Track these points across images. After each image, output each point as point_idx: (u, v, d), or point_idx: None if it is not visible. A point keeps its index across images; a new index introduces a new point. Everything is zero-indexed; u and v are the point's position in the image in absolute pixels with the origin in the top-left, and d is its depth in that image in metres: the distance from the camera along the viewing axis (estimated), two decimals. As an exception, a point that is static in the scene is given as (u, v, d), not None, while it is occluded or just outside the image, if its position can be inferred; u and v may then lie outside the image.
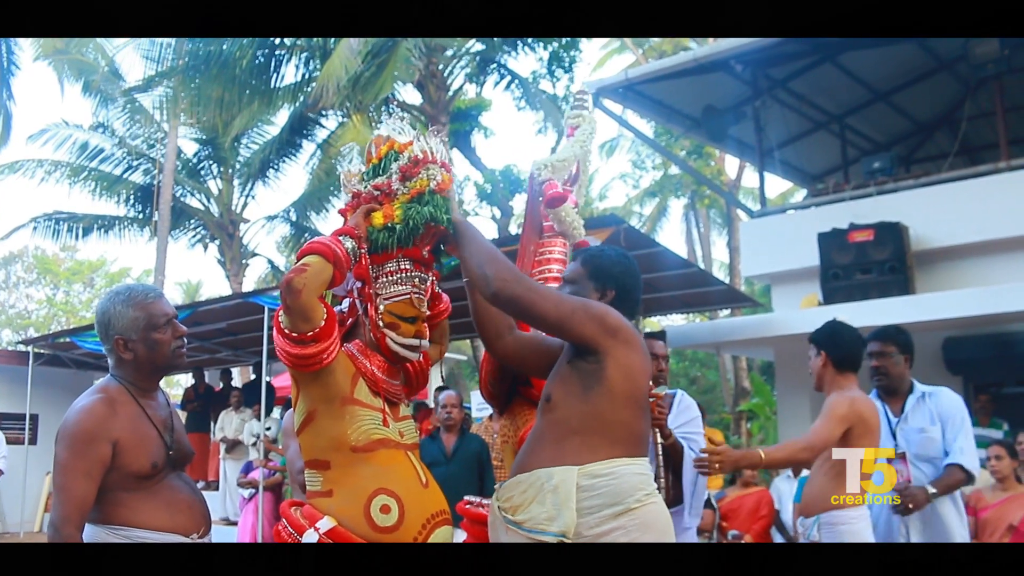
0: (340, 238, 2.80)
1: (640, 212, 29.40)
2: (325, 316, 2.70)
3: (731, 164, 22.80)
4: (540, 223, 3.51)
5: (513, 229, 20.97)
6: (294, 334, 2.67)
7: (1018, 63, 10.91)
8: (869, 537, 4.33)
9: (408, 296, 2.89)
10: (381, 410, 2.83)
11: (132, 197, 19.85)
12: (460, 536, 3.63)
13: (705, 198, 23.98)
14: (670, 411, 4.65)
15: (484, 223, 21.57)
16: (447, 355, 13.86)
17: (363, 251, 2.86)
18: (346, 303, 3.13)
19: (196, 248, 21.36)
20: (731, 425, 20.65)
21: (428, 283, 3.02)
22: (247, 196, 20.43)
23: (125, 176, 19.79)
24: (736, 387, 21.72)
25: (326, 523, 2.67)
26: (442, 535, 2.81)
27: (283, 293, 2.63)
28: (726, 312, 19.95)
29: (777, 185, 23.94)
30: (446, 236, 2.98)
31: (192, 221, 20.67)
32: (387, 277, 2.89)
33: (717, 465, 3.98)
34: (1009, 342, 10.02)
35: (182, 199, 20.30)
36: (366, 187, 2.98)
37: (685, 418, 4.63)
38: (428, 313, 3.03)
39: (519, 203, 25.86)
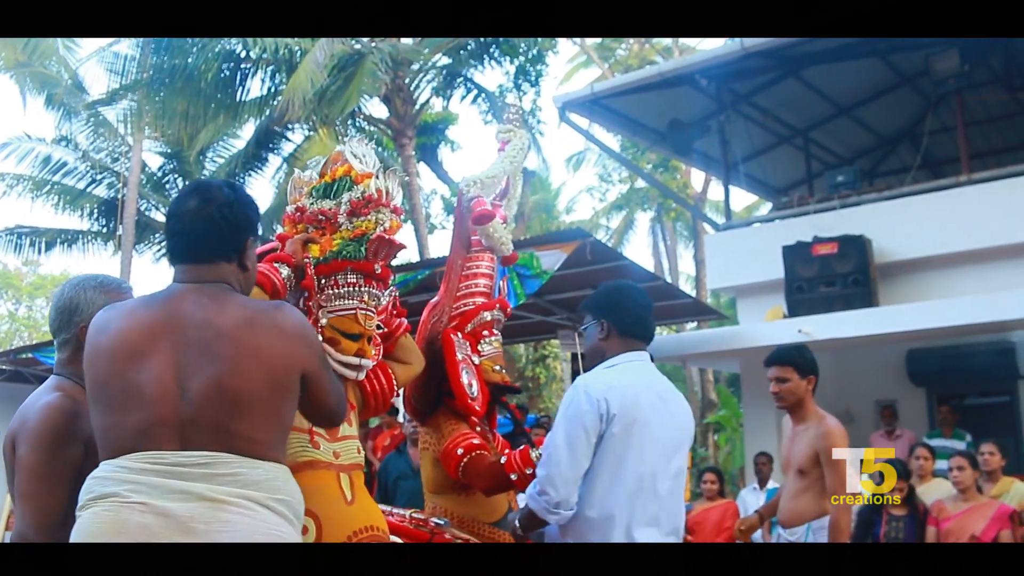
0: (277, 265, 2.69)
1: (607, 225, 29.50)
2: None
3: (697, 177, 22.94)
4: (468, 238, 3.55)
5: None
6: None
7: (978, 79, 11.09)
8: None
9: (354, 312, 2.76)
10: (309, 431, 2.69)
11: (96, 211, 19.64)
12: None
13: (671, 211, 24.11)
14: None
15: (450, 237, 21.60)
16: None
17: (307, 260, 2.74)
18: None
19: (161, 262, 21.17)
20: (698, 437, 20.73)
21: (383, 299, 2.90)
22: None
23: (88, 190, 19.56)
24: (703, 399, 21.82)
25: None
26: None
27: None
28: (692, 325, 20.08)
29: (743, 198, 24.16)
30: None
31: (157, 235, 20.44)
32: (333, 289, 2.77)
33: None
34: (972, 353, 10.15)
35: (147, 213, 20.10)
36: (312, 205, 2.86)
37: None
38: (375, 331, 2.90)
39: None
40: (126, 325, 2.23)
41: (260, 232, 2.49)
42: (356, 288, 2.76)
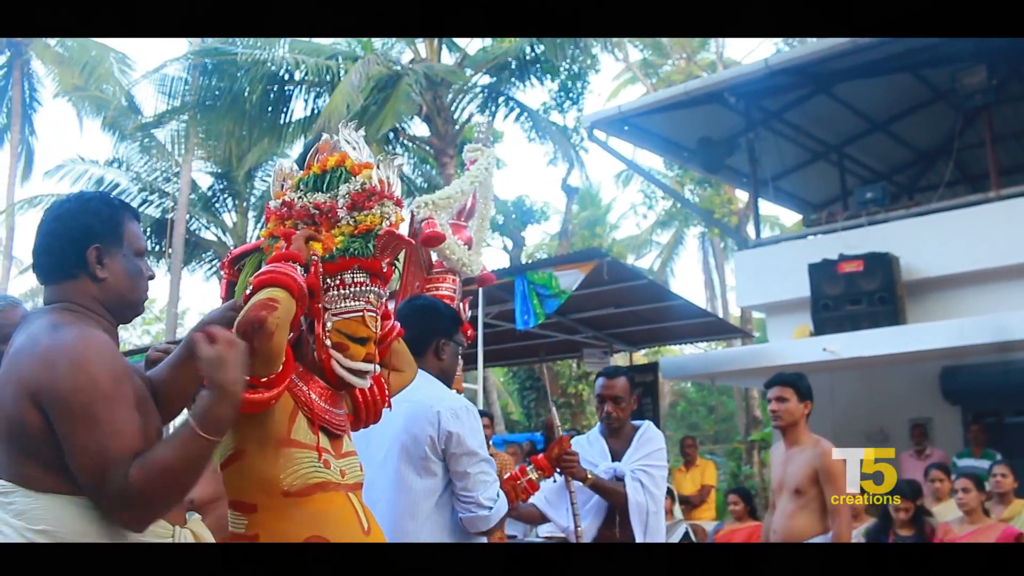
0: (294, 265, 2.41)
1: (657, 241, 29.49)
2: (284, 359, 2.37)
3: (743, 192, 22.81)
4: (428, 260, 3.56)
5: (523, 259, 21.15)
6: (246, 377, 2.23)
7: (1008, 93, 10.94)
8: None
9: (361, 313, 2.52)
10: (318, 448, 2.48)
11: (147, 231, 20.12)
12: None
13: (715, 227, 24.04)
14: (632, 443, 4.66)
15: (496, 253, 21.69)
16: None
17: (314, 258, 2.49)
18: None
19: (212, 281, 21.58)
20: (743, 455, 20.58)
21: (384, 300, 2.65)
22: (262, 227, 20.63)
23: (140, 210, 20.06)
24: (748, 416, 21.63)
25: None
26: None
27: (250, 334, 2.23)
28: (737, 341, 19.95)
29: (791, 215, 23.89)
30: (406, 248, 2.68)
31: (207, 254, 20.91)
32: (338, 290, 2.51)
33: None
34: (1008, 371, 9.98)
35: (197, 232, 20.57)
36: (301, 199, 2.60)
37: (645, 451, 4.57)
38: (379, 333, 2.64)
39: (531, 234, 26.06)
40: None
41: (122, 238, 2.30)
42: (363, 288, 2.52)
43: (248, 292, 2.37)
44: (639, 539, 4.43)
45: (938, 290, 9.91)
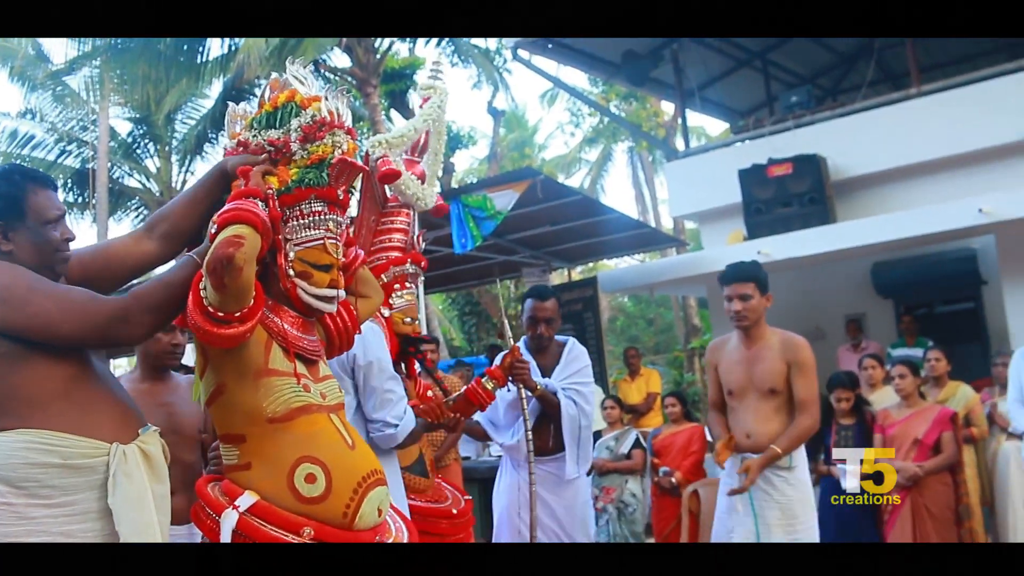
0: (254, 200, 2.48)
1: (586, 159, 29.55)
2: (254, 293, 2.43)
3: (669, 104, 22.85)
4: (383, 196, 3.62)
5: (454, 185, 21.06)
6: (220, 313, 2.36)
7: (926, -12, 11.02)
8: None
9: (321, 241, 2.60)
10: (295, 374, 2.56)
11: (69, 182, 19.55)
12: None
13: (643, 140, 24.10)
14: (560, 361, 4.83)
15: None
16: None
17: (270, 192, 2.54)
18: None
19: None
20: (684, 363, 20.95)
21: (344, 227, 2.72)
22: (186, 172, 20.15)
23: (59, 161, 19.44)
24: (687, 325, 21.98)
25: (247, 499, 2.44)
26: (376, 497, 2.56)
27: (219, 271, 2.29)
28: (672, 252, 20.16)
29: (718, 124, 24.06)
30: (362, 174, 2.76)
31: (133, 201, 20.44)
32: (298, 220, 2.59)
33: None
34: (935, 263, 10.29)
35: (120, 180, 20.03)
36: (255, 137, 2.68)
37: (574, 368, 4.80)
38: (344, 261, 2.73)
39: (460, 159, 25.93)
40: None
41: (24, 212, 2.48)
42: (321, 217, 2.61)
43: (213, 231, 2.43)
44: (570, 450, 4.72)
45: (866, 188, 10.11)
